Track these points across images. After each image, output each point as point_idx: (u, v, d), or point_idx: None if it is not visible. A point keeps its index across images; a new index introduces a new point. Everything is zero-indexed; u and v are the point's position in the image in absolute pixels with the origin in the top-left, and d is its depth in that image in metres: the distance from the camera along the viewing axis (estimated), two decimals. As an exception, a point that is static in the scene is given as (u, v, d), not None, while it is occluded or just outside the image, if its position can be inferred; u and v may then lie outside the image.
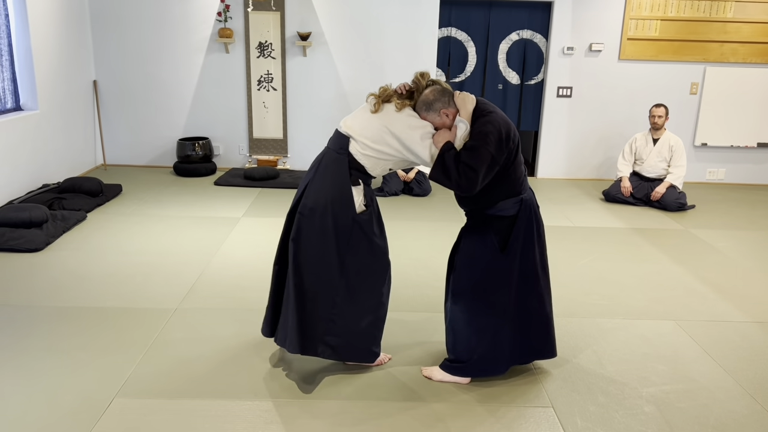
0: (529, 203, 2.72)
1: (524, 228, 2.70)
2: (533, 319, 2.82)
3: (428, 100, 2.61)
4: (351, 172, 2.64)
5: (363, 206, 2.69)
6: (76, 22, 6.50)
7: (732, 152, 7.26)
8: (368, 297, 2.76)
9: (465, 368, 2.83)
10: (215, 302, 3.63)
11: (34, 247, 4.31)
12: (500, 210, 2.68)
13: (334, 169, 2.65)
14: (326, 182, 2.65)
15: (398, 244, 4.69)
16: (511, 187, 2.66)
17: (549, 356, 2.93)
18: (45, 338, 3.14)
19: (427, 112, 2.63)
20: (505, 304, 2.74)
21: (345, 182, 2.62)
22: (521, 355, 2.89)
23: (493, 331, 2.76)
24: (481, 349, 2.78)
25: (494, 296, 2.73)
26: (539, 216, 2.79)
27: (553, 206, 6.00)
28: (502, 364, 2.83)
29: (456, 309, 2.81)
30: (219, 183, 6.43)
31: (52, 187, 5.73)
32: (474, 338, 2.78)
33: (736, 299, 3.92)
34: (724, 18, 6.79)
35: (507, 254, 2.69)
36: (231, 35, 6.69)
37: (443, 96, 2.62)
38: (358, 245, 2.68)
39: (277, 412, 2.60)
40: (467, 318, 2.78)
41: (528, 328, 2.83)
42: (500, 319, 2.75)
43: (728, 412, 2.71)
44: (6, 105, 5.54)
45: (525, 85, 7.11)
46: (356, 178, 2.66)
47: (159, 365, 2.93)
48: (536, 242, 2.75)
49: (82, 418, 2.51)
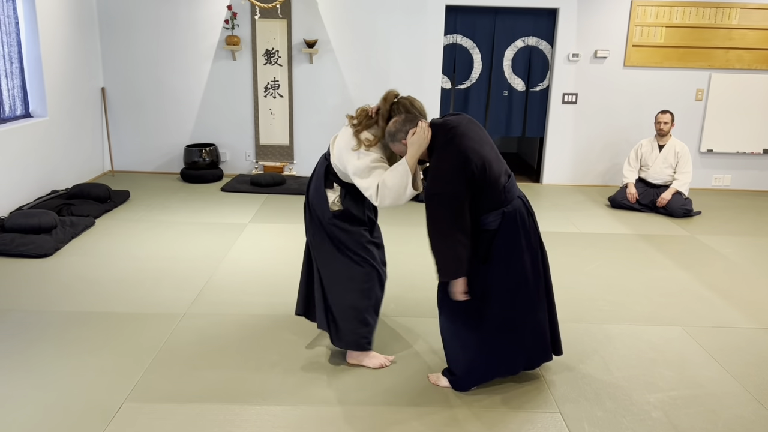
0: (513, 215, 2.68)
1: (508, 240, 2.68)
2: (525, 327, 2.81)
3: (390, 132, 2.72)
4: (329, 176, 2.93)
5: (338, 206, 2.90)
6: (84, 31, 6.56)
7: (738, 158, 7.26)
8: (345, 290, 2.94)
9: (458, 381, 2.86)
10: (223, 307, 3.65)
11: (44, 253, 4.35)
12: (483, 224, 2.68)
13: (318, 172, 2.98)
14: (314, 182, 2.99)
15: (404, 249, 4.70)
16: (489, 202, 2.65)
17: (546, 359, 2.93)
18: (55, 343, 3.17)
19: (392, 143, 2.73)
20: (490, 315, 2.73)
21: (321, 184, 2.92)
22: (516, 364, 2.87)
23: (477, 342, 2.77)
24: (467, 362, 2.81)
25: (478, 308, 2.73)
26: (530, 224, 2.75)
27: (558, 212, 6.01)
28: (490, 373, 2.85)
29: (443, 320, 2.87)
30: (226, 189, 6.47)
31: (61, 193, 5.78)
32: (460, 350, 2.83)
33: (743, 305, 3.92)
34: (729, 25, 6.80)
35: (489, 266, 2.69)
36: (238, 42, 6.74)
37: (404, 126, 2.67)
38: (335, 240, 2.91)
39: (285, 416, 2.61)
40: (454, 329, 2.83)
41: (521, 336, 2.81)
42: (484, 330, 2.75)
43: (736, 418, 2.71)
44: (16, 112, 5.60)
45: (530, 91, 7.13)
46: (331, 182, 2.93)
47: (168, 370, 2.95)
48: (525, 251, 2.72)
49: (92, 422, 2.53)
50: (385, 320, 3.51)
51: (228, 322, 3.46)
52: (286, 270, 4.23)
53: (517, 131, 7.22)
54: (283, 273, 4.18)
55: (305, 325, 3.39)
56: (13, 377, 2.85)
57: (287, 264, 4.33)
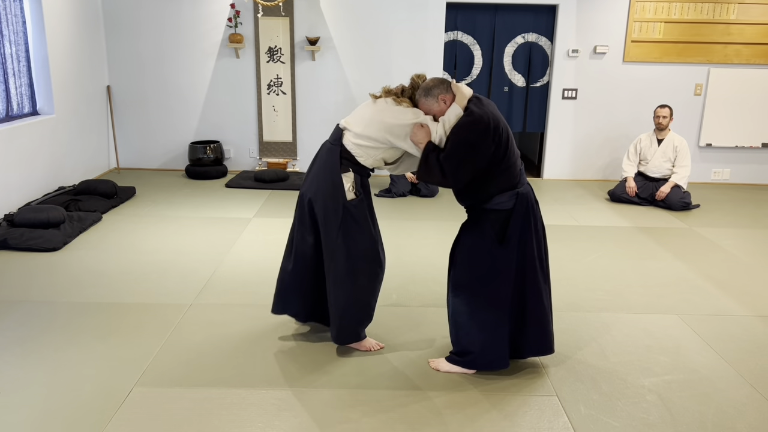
0: (526, 197, 2.78)
1: (521, 221, 2.77)
2: (530, 313, 2.88)
3: (428, 86, 2.79)
4: (342, 161, 2.87)
5: (353, 194, 2.88)
6: (90, 30, 6.65)
7: (737, 152, 7.31)
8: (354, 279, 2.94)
9: (470, 360, 2.91)
10: (229, 298, 3.74)
11: (53, 247, 4.44)
12: (497, 204, 2.77)
13: (326, 159, 2.91)
14: (320, 171, 2.91)
15: (406, 242, 4.78)
16: (506, 180, 2.75)
17: (546, 352, 2.97)
18: (65, 332, 3.26)
19: (426, 98, 2.79)
20: (505, 296, 2.81)
21: (336, 170, 2.86)
22: (518, 349, 2.94)
23: (494, 324, 2.83)
24: (484, 342, 2.86)
25: (494, 289, 2.80)
26: (537, 212, 2.85)
27: (559, 206, 6.08)
28: (504, 357, 2.89)
29: (458, 302, 2.88)
30: (230, 185, 6.55)
31: (68, 189, 5.87)
32: (476, 331, 2.86)
33: (739, 294, 3.99)
34: (728, 20, 6.86)
35: (505, 246, 2.76)
36: (241, 40, 6.82)
37: (442, 84, 2.78)
38: (348, 230, 2.88)
39: (289, 400, 2.69)
40: (469, 311, 2.85)
41: (524, 321, 2.89)
42: (501, 311, 2.82)
43: (728, 400, 2.78)
44: (23, 110, 5.69)
45: (531, 87, 7.20)
46: (346, 167, 2.87)
47: (176, 356, 3.03)
48: (533, 237, 2.82)
49: (104, 406, 2.61)
50: (386, 310, 3.58)
51: (234, 312, 3.55)
52: (289, 262, 4.31)
53: (517, 127, 7.29)
54: (286, 265, 4.26)
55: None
56: (26, 363, 2.93)
57: (291, 256, 4.41)
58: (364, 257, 2.95)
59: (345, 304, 2.97)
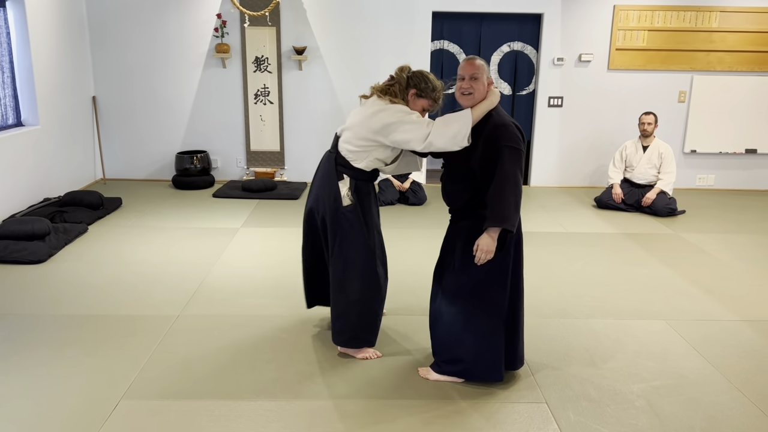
0: None
1: (518, 228, 2.78)
2: (521, 323, 2.90)
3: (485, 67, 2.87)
4: (338, 167, 2.93)
5: (349, 200, 2.91)
6: (75, 40, 6.62)
7: (721, 159, 7.40)
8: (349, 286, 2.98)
9: (462, 370, 2.90)
10: (217, 309, 3.71)
11: (37, 259, 4.39)
12: None
13: (325, 166, 3.00)
14: (319, 179, 3.01)
15: (395, 251, 4.78)
16: None
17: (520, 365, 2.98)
18: (50, 345, 3.22)
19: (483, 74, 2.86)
20: (501, 304, 2.80)
21: (332, 176, 2.93)
22: (512, 360, 2.94)
23: (490, 332, 2.82)
24: (477, 351, 2.84)
25: (492, 296, 2.79)
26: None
27: (546, 213, 6.11)
28: (499, 369, 2.86)
29: (453, 311, 2.85)
30: (217, 195, 6.53)
31: (54, 200, 5.82)
32: (471, 340, 2.84)
33: (725, 299, 4.02)
34: (710, 28, 6.96)
35: (504, 252, 2.76)
36: (228, 50, 6.82)
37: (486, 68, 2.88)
38: (345, 236, 2.93)
39: (278, 411, 2.68)
40: (464, 319, 2.83)
41: (516, 330, 2.89)
42: (497, 319, 2.81)
43: (715, 405, 2.80)
44: (8, 121, 5.65)
45: (517, 95, 7.25)
46: (341, 173, 2.93)
47: (163, 368, 3.01)
48: (522, 245, 2.85)
49: (90, 420, 2.58)
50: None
51: (221, 322, 3.52)
52: (278, 272, 4.30)
53: (504, 135, 7.32)
54: (275, 275, 4.25)
55: (297, 324, 3.46)
56: (10, 378, 2.89)
57: (279, 266, 4.40)
58: (361, 264, 2.96)
59: (343, 310, 3.02)
